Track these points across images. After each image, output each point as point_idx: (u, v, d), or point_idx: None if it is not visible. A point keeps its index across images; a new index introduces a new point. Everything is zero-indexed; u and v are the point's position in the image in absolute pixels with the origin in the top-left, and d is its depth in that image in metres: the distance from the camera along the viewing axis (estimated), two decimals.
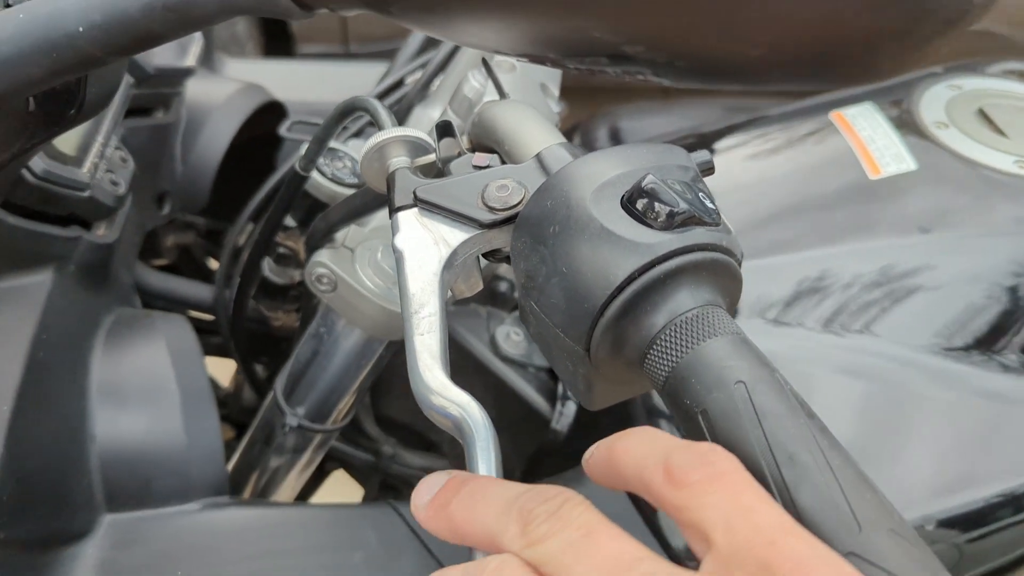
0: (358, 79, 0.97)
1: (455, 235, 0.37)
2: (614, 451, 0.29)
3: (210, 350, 0.80)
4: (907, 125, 0.67)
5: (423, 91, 0.68)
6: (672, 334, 0.31)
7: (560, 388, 0.67)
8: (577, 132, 0.98)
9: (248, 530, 0.51)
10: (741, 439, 0.28)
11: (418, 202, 0.38)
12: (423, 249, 0.37)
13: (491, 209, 0.37)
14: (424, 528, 0.30)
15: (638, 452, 0.28)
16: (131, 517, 0.50)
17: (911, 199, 0.61)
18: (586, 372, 0.34)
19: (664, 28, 0.20)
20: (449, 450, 0.79)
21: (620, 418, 0.62)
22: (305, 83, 1.01)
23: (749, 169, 0.71)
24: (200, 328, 0.77)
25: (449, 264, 0.37)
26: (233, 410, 0.83)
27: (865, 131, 0.66)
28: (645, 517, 0.53)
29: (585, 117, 1.01)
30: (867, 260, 0.60)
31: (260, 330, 0.72)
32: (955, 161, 0.63)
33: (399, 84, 0.74)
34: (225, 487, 0.53)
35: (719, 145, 0.77)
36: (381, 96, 0.71)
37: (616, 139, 0.96)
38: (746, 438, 0.28)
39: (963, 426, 0.54)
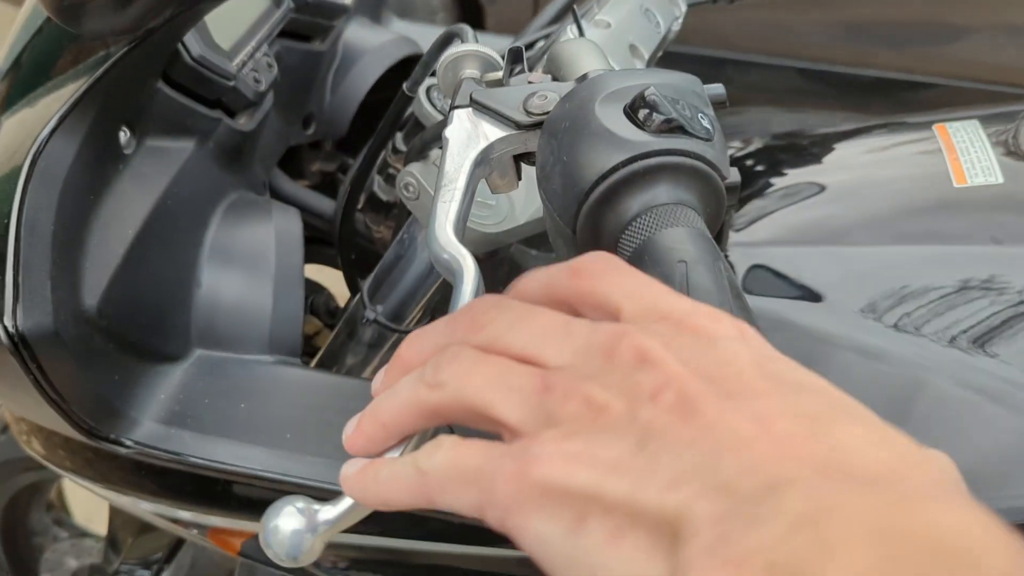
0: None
1: (495, 132, 0.43)
2: (520, 283, 0.32)
3: (326, 260, 0.90)
4: (1007, 144, 0.66)
5: (544, 55, 0.74)
6: (642, 221, 0.36)
7: None
8: None
9: (305, 386, 0.59)
10: None
11: (472, 103, 0.44)
12: (466, 139, 0.43)
13: (529, 113, 0.43)
14: (383, 388, 0.32)
15: (545, 273, 0.32)
16: (216, 355, 0.59)
17: (987, 210, 0.61)
18: (576, 255, 0.39)
19: None
20: None
21: None
22: None
23: (845, 167, 0.73)
24: (320, 239, 0.87)
25: (485, 156, 0.43)
26: (338, 320, 0.92)
27: (962, 143, 0.67)
28: None
29: None
30: (956, 269, 0.59)
31: (366, 246, 0.80)
32: None
33: (529, 47, 0.81)
34: (298, 352, 0.61)
35: (838, 144, 0.79)
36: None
37: None
38: None
39: None
